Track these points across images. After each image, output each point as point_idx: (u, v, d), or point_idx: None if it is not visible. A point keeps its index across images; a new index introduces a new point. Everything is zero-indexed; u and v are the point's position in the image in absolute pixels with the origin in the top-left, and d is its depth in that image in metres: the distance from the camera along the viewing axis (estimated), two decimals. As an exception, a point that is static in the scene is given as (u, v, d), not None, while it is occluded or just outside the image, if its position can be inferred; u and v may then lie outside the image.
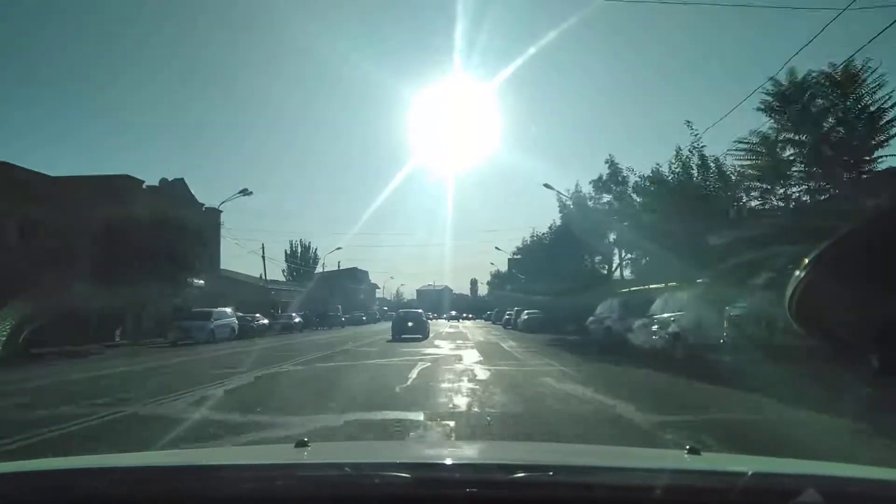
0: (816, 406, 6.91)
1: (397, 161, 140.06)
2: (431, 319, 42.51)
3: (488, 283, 62.49)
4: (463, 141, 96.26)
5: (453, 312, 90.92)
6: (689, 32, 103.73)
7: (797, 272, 0.81)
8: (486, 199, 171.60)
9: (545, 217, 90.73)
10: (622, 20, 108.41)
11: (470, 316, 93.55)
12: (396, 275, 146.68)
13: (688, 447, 1.74)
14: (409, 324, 28.58)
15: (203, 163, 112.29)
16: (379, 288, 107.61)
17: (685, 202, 17.54)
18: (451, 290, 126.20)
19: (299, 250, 76.36)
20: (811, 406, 7.02)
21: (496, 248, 68.35)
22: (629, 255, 29.43)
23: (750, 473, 1.28)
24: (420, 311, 33.13)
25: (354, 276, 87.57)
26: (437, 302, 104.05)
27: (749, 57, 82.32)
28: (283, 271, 70.30)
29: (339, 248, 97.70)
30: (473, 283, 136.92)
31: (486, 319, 72.28)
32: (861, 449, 5.36)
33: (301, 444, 1.78)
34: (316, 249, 77.07)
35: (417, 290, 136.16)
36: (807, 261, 0.81)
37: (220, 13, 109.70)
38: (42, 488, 1.32)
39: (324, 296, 57.96)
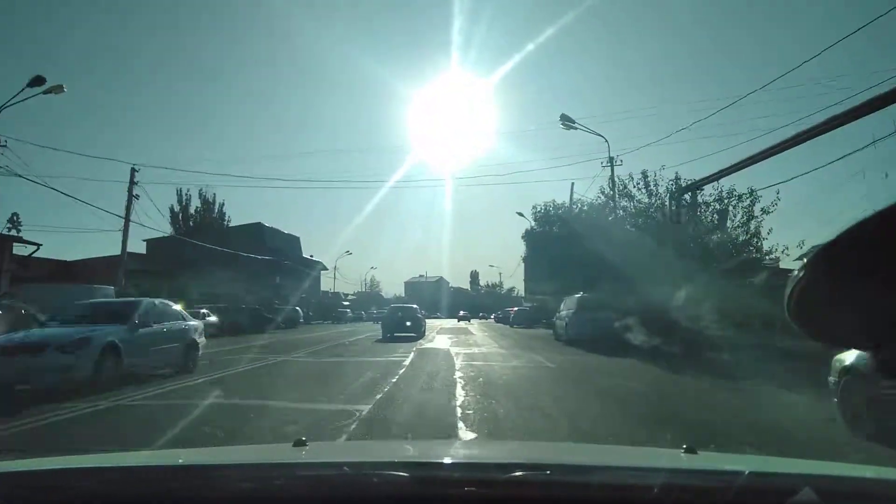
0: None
1: (393, 154, 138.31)
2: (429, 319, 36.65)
3: (524, 237, 36.40)
4: (457, 136, 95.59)
5: (462, 312, 66.95)
6: (688, 27, 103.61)
7: (795, 272, 0.79)
8: (484, 195, 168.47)
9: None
10: (619, 16, 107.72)
11: (489, 317, 69.09)
12: (385, 270, 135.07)
13: (684, 446, 1.74)
14: (407, 322, 25.59)
15: (200, 160, 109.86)
16: (327, 270, 66.90)
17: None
18: (448, 284, 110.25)
19: (197, 206, 50.62)
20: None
21: (518, 213, 36.51)
22: None
23: (746, 473, 1.29)
24: (415, 306, 29.66)
25: (260, 239, 48.10)
26: (432, 297, 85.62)
27: (753, 52, 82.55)
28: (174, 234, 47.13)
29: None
30: (474, 275, 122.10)
31: (511, 323, 43.62)
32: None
33: (299, 443, 1.77)
34: (223, 205, 51.31)
35: (406, 283, 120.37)
36: (805, 261, 0.78)
37: (215, 7, 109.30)
38: (37, 489, 1.31)
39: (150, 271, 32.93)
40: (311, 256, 62.60)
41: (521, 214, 36.65)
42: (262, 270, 44.43)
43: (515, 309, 47.69)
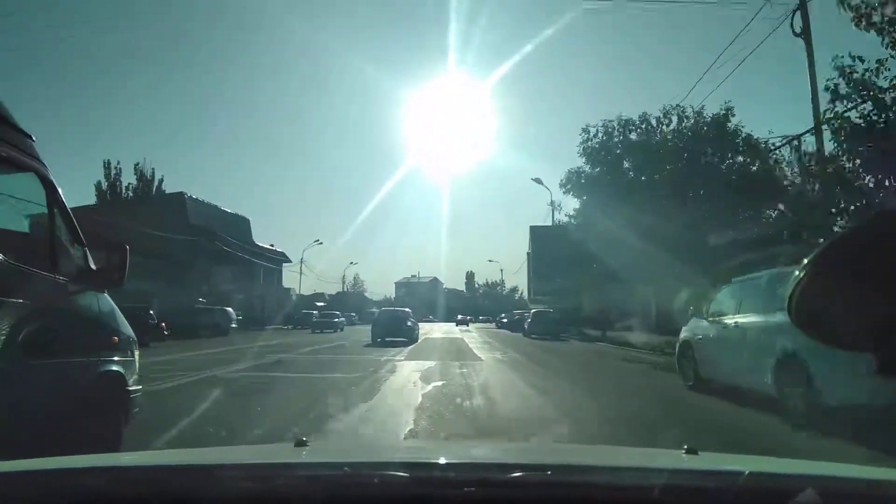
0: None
1: (387, 157, 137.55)
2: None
3: (562, 183, 23.46)
4: (453, 138, 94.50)
5: (460, 317, 58.89)
6: (685, 28, 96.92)
7: (796, 271, 0.83)
8: (479, 194, 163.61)
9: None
10: (614, 18, 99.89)
11: (495, 320, 56.39)
12: (374, 269, 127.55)
13: (685, 447, 1.72)
14: (397, 327, 25.08)
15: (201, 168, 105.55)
16: (290, 262, 53.88)
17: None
18: (443, 285, 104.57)
19: (133, 183, 43.31)
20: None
21: (534, 179, 33.13)
22: None
23: (747, 473, 1.28)
24: (407, 310, 28.57)
25: (182, 215, 36.77)
26: (425, 299, 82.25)
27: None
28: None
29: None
30: (470, 276, 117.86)
31: (527, 332, 31.08)
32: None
33: (300, 443, 1.77)
34: (162, 180, 44.17)
35: (397, 283, 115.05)
36: (806, 260, 0.82)
37: (212, 10, 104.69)
38: (36, 489, 1.29)
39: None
40: (272, 245, 51.12)
41: (537, 181, 31.72)
42: (183, 257, 32.96)
43: (532, 312, 35.40)
